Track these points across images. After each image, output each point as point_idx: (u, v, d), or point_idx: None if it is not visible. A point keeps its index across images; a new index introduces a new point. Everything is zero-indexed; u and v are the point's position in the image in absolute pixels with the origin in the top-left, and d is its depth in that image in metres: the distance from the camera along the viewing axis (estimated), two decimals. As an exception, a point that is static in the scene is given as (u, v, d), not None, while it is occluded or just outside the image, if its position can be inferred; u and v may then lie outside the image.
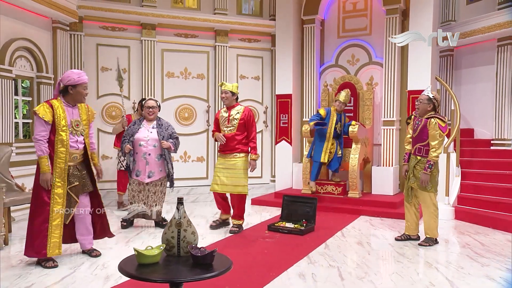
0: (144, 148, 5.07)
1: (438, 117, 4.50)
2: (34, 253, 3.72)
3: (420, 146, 4.59)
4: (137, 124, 5.22)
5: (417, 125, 4.62)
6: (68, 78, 3.83)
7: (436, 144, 4.44)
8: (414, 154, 4.66)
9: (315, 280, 3.56)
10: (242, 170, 5.13)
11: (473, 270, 3.84)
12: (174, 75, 7.79)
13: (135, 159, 5.10)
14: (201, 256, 2.21)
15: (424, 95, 4.58)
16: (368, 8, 7.41)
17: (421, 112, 4.58)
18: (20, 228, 5.17)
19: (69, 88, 3.83)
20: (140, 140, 5.09)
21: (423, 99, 4.55)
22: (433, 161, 4.46)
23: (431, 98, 4.52)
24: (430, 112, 4.55)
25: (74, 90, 3.85)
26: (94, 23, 7.20)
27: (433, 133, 4.45)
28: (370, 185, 6.98)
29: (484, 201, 5.91)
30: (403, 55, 6.93)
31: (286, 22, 7.68)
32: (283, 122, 7.75)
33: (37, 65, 6.31)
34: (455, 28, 7.53)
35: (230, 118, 5.17)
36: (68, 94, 3.86)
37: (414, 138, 4.67)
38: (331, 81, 7.54)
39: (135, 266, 2.26)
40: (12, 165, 5.46)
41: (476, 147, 7.18)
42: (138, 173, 5.11)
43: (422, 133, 4.54)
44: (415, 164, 4.63)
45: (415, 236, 4.82)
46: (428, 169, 4.47)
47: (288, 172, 7.68)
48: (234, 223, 5.28)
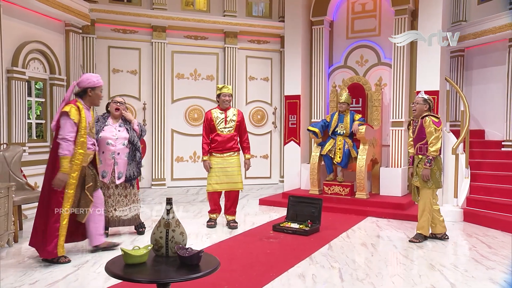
0: (112, 147, 4.71)
1: (431, 114, 4.74)
2: (48, 254, 3.83)
3: (421, 145, 4.79)
4: (101, 121, 4.78)
5: (415, 127, 4.85)
6: (88, 81, 3.99)
7: (433, 140, 4.64)
8: (416, 154, 4.87)
9: (315, 281, 3.57)
10: (239, 167, 5.45)
11: (477, 273, 3.80)
12: (184, 76, 7.88)
13: (101, 160, 4.65)
14: (187, 256, 2.24)
15: (419, 97, 4.83)
16: (377, 9, 7.37)
17: (418, 113, 4.80)
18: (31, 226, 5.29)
19: (88, 91, 3.99)
20: (107, 138, 4.70)
21: (419, 101, 4.79)
22: (432, 156, 4.66)
23: (426, 99, 4.78)
24: (426, 112, 4.77)
25: (93, 92, 4.01)
26: (105, 25, 7.33)
27: (429, 130, 4.67)
28: (378, 186, 6.95)
29: (494, 203, 5.82)
30: (412, 55, 6.87)
31: (295, 23, 7.69)
32: (291, 123, 7.77)
33: (50, 67, 6.46)
34: (465, 28, 7.44)
35: (227, 119, 5.36)
36: (87, 96, 4.01)
37: (414, 139, 4.87)
38: (339, 82, 7.52)
39: (122, 266, 2.26)
40: (25, 164, 5.63)
41: (487, 148, 7.07)
42: (104, 174, 4.69)
43: (420, 132, 4.76)
44: (418, 163, 4.83)
45: (436, 235, 4.95)
46: (428, 163, 4.66)
47: (297, 173, 7.69)
48: (232, 219, 5.51)
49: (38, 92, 6.90)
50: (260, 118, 8.30)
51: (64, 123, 3.82)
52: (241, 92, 8.17)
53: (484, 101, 7.56)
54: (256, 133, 8.24)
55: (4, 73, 5.54)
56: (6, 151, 5.09)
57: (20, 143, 5.72)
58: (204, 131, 5.42)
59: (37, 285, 3.38)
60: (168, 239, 2.35)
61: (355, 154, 6.60)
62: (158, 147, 7.61)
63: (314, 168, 6.83)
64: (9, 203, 4.30)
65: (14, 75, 5.68)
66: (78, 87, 4.04)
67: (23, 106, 5.86)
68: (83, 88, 4.00)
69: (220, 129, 5.36)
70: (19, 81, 5.78)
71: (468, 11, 7.72)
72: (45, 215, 3.86)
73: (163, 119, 7.65)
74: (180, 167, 7.87)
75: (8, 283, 3.40)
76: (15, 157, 5.11)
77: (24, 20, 5.97)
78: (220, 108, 5.47)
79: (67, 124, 3.81)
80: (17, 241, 4.60)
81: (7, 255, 4.18)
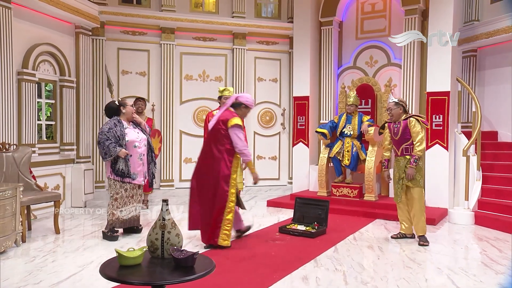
0: (139, 149, 4.87)
1: (415, 115, 4.85)
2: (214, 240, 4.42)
3: (406, 146, 4.83)
4: (119, 126, 4.81)
5: (397, 129, 4.87)
6: (248, 100, 4.68)
7: (419, 139, 4.73)
8: (401, 155, 4.87)
9: (318, 284, 3.53)
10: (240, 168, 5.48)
11: (486, 278, 3.72)
12: (192, 77, 7.91)
13: (129, 162, 4.76)
14: (182, 258, 2.23)
15: (390, 102, 4.90)
16: (387, 9, 7.29)
17: (396, 117, 4.87)
18: (40, 226, 5.39)
19: (242, 106, 4.62)
20: (134, 141, 4.83)
21: (391, 106, 4.86)
22: (417, 156, 4.74)
23: (397, 102, 4.86)
24: (404, 114, 4.85)
25: (245, 110, 4.66)
26: (115, 28, 7.41)
27: (415, 130, 4.73)
28: (387, 188, 6.86)
29: (506, 206, 5.69)
30: (423, 56, 6.77)
31: (304, 24, 7.65)
32: (300, 124, 7.72)
33: (60, 69, 6.54)
34: (478, 28, 7.31)
35: None
36: (239, 110, 4.62)
37: (397, 141, 4.88)
38: (349, 83, 7.46)
39: (117, 268, 2.26)
40: (34, 165, 5.70)
41: (499, 150, 6.93)
42: (134, 176, 4.82)
43: (405, 133, 4.80)
44: (406, 164, 4.81)
45: (410, 235, 5.02)
46: (414, 163, 4.73)
47: (305, 174, 7.64)
48: None
49: (48, 94, 6.99)
50: (268, 119, 8.27)
51: (240, 134, 4.47)
52: (250, 93, 8.14)
53: (497, 102, 7.40)
54: (265, 134, 8.22)
55: (14, 75, 5.62)
56: (15, 152, 5.15)
57: (30, 144, 5.79)
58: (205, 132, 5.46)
59: (41, 285, 3.42)
60: (164, 241, 2.34)
61: (363, 157, 6.53)
62: (167, 148, 7.64)
63: (322, 169, 6.78)
64: (17, 204, 4.35)
65: (24, 77, 5.76)
66: (237, 100, 4.63)
67: (33, 108, 5.94)
68: (240, 102, 4.60)
69: None
70: (29, 83, 5.85)
71: (480, 11, 7.58)
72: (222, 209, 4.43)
73: (172, 120, 7.68)
74: (189, 168, 7.84)
75: (13, 283, 3.43)
76: (24, 158, 5.17)
77: (34, 22, 6.05)
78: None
79: (241, 135, 4.47)
80: (25, 241, 4.65)
81: (15, 255, 4.23)
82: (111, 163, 4.73)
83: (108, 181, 4.86)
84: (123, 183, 4.79)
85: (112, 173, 4.74)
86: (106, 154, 4.68)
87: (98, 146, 4.81)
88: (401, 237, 5.02)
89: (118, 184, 4.78)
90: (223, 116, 4.51)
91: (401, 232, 5.05)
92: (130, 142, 4.81)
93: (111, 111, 4.93)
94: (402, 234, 5.04)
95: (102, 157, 4.77)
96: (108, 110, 4.96)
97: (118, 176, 4.73)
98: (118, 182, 4.77)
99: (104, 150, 4.67)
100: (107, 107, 4.98)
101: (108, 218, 4.81)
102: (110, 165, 4.75)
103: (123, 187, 4.80)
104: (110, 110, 4.93)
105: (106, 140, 4.67)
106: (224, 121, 4.46)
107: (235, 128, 4.43)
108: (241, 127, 4.47)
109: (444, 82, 6.37)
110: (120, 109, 4.89)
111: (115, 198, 4.77)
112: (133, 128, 4.95)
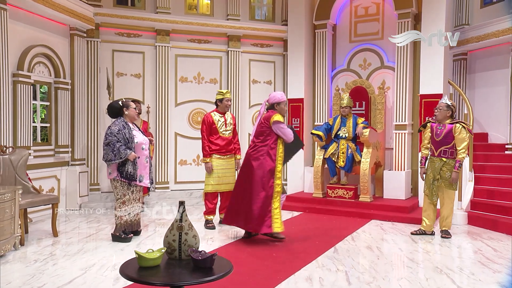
0: (146, 152, 4.86)
1: (461, 122, 5.01)
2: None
3: (445, 148, 5.02)
4: (126, 127, 4.73)
5: (440, 130, 5.04)
6: (275, 98, 4.92)
7: (464, 146, 4.93)
8: (438, 156, 5.06)
9: (322, 284, 3.58)
10: (234, 168, 5.78)
11: (484, 277, 3.80)
12: (187, 79, 7.91)
13: (137, 165, 4.72)
14: (201, 259, 2.25)
15: (442, 102, 5.06)
16: (380, 13, 7.40)
17: (441, 118, 5.03)
18: (37, 229, 5.34)
19: (275, 105, 4.89)
20: (141, 144, 4.81)
21: (442, 107, 5.02)
22: (462, 161, 4.96)
23: (449, 105, 5.01)
24: (449, 118, 5.03)
25: (279, 107, 4.90)
26: (110, 29, 7.36)
27: (461, 137, 4.92)
28: (381, 189, 6.95)
29: (498, 206, 5.82)
30: (415, 59, 6.89)
31: (298, 27, 7.72)
32: (295, 126, 7.76)
33: (55, 71, 6.48)
34: (468, 32, 7.47)
35: (227, 122, 5.63)
36: (278, 108, 4.88)
37: (438, 142, 5.05)
38: (343, 85, 7.54)
39: (136, 269, 2.28)
40: (29, 167, 5.64)
41: (490, 151, 7.08)
42: (141, 178, 4.79)
43: (447, 137, 4.98)
44: (442, 166, 5.03)
45: (430, 232, 5.24)
46: (459, 168, 4.96)
47: (300, 176, 7.69)
48: None
49: (43, 96, 6.93)
50: (263, 121, 8.29)
51: (283, 128, 4.80)
52: (244, 96, 8.20)
53: (488, 105, 7.57)
54: (259, 136, 8.22)
55: (9, 77, 5.56)
56: (12, 154, 5.10)
57: (25, 146, 5.73)
58: (205, 134, 5.53)
59: (45, 288, 3.40)
60: (181, 242, 2.36)
61: (358, 158, 6.61)
62: (162, 150, 7.62)
63: (317, 171, 6.85)
64: (16, 207, 4.31)
65: (19, 78, 5.71)
66: (268, 103, 4.94)
67: (28, 110, 5.88)
68: (271, 104, 4.89)
69: (222, 132, 5.59)
70: (24, 84, 5.80)
71: (471, 15, 7.75)
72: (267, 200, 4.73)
73: (167, 122, 7.67)
74: (184, 170, 7.88)
75: (16, 286, 3.40)
76: (21, 161, 5.12)
77: (29, 24, 6.00)
78: (219, 111, 5.66)
79: (285, 129, 4.82)
80: (23, 244, 4.61)
81: (14, 258, 4.18)
82: (118, 166, 4.63)
83: (114, 183, 4.72)
84: (130, 186, 4.75)
85: (119, 175, 4.64)
86: (115, 156, 4.55)
87: (105, 147, 4.62)
88: (421, 233, 5.23)
89: (125, 186, 4.72)
90: (265, 116, 4.88)
91: (421, 228, 5.26)
92: (138, 144, 4.78)
93: (114, 111, 4.85)
94: (422, 230, 5.24)
95: (109, 159, 4.59)
96: (111, 110, 4.86)
97: (126, 178, 4.65)
98: (126, 184, 4.72)
99: (114, 152, 4.55)
100: (111, 107, 4.88)
101: (117, 222, 4.77)
102: (117, 168, 4.64)
103: (130, 190, 4.76)
104: (113, 110, 4.85)
105: (117, 142, 4.58)
106: (266, 118, 4.84)
107: (277, 124, 4.77)
108: (281, 122, 4.78)
109: (437, 85, 6.49)
110: (123, 110, 4.84)
111: (123, 201, 4.73)
112: (137, 130, 4.94)
